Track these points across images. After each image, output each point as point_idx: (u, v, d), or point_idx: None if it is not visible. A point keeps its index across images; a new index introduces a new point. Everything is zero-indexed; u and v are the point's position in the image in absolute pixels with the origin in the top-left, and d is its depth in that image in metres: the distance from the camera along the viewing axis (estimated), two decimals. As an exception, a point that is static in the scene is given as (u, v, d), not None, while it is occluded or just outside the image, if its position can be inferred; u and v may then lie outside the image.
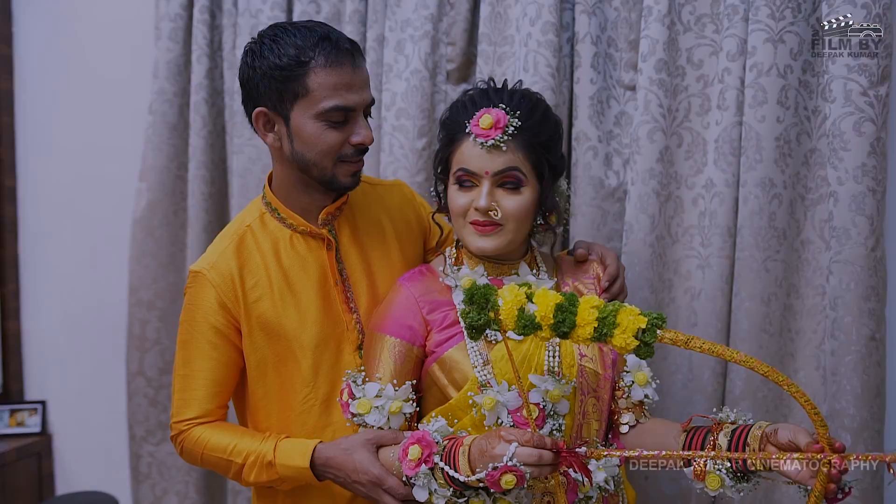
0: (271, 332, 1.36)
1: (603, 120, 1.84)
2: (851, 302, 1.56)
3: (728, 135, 1.66)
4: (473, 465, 1.12)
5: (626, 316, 1.02)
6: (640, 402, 1.33)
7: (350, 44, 1.32)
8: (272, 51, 1.29)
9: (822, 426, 0.99)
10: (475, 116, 1.28)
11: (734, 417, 1.18)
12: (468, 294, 1.06)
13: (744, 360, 0.99)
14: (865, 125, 1.52)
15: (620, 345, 1.02)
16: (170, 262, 2.32)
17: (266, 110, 1.32)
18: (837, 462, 0.99)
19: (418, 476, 1.16)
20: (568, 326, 1.03)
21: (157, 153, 2.25)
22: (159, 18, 2.21)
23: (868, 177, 1.53)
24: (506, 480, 1.06)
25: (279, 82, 1.29)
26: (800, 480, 1.04)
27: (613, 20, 1.82)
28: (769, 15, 1.59)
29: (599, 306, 1.04)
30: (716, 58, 1.70)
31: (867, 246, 1.55)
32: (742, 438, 1.12)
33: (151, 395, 2.36)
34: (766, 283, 1.66)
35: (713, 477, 1.12)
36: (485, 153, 1.26)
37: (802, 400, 0.98)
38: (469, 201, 1.28)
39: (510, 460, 1.06)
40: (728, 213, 1.68)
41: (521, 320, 1.05)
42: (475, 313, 1.05)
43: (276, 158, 1.39)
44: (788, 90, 1.61)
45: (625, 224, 1.76)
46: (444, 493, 1.15)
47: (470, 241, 1.30)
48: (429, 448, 1.16)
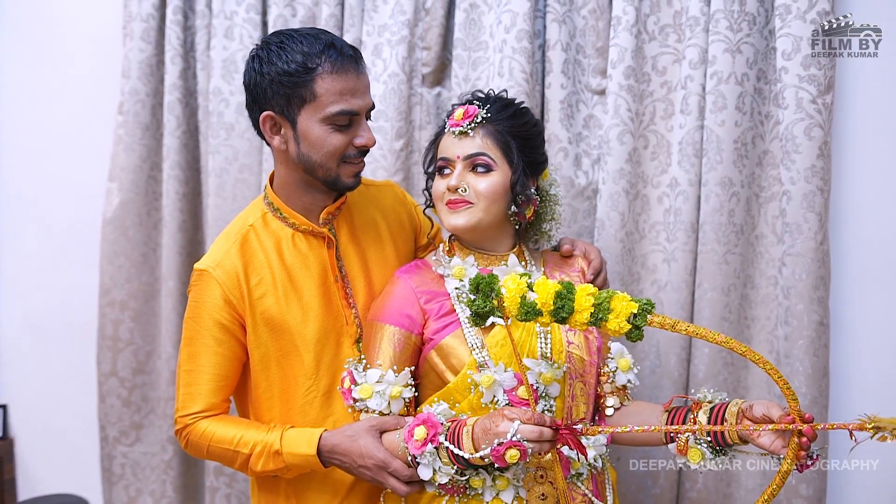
0: (275, 327, 1.41)
1: (573, 123, 1.94)
2: (803, 291, 1.71)
3: (691, 137, 1.79)
4: (477, 443, 1.21)
5: (620, 302, 1.13)
6: (624, 386, 1.45)
7: (353, 50, 1.39)
8: (280, 57, 1.34)
9: (793, 399, 1.12)
10: (452, 113, 1.43)
11: (711, 397, 1.30)
12: (473, 284, 1.14)
13: (724, 342, 1.11)
14: (815, 130, 1.67)
15: (614, 328, 1.13)
16: (143, 262, 2.33)
17: (273, 114, 1.37)
18: (808, 431, 1.11)
19: (424, 455, 1.24)
20: (567, 312, 1.13)
21: (130, 153, 2.26)
22: (130, 19, 2.21)
23: (817, 177, 1.68)
24: (510, 455, 1.16)
25: (287, 87, 1.34)
26: (773, 451, 1.17)
27: (582, 28, 1.92)
28: (728, 27, 1.72)
29: (595, 294, 1.14)
30: (679, 65, 1.82)
31: (816, 240, 1.70)
32: (720, 414, 1.23)
33: (125, 396, 2.36)
34: (726, 275, 1.80)
35: (695, 451, 1.24)
36: (457, 140, 1.39)
37: (776, 376, 1.11)
38: (445, 185, 1.39)
39: (514, 436, 1.15)
40: (691, 211, 1.81)
41: (523, 307, 1.14)
42: (481, 301, 1.13)
43: (280, 160, 1.44)
44: (745, 97, 1.75)
45: (596, 221, 1.87)
46: (448, 470, 1.24)
47: (445, 219, 1.41)
48: (434, 428, 1.25)
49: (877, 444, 1.71)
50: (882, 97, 1.76)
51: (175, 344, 2.26)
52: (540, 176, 1.50)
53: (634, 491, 1.89)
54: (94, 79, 2.38)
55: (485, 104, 1.41)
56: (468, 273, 1.42)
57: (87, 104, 2.40)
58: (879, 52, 1.75)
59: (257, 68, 1.36)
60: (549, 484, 1.32)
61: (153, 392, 2.38)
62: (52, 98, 2.43)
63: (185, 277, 2.28)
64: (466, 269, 1.42)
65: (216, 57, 2.16)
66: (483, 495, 1.31)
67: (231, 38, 2.15)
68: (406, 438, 1.28)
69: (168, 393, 2.27)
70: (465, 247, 1.46)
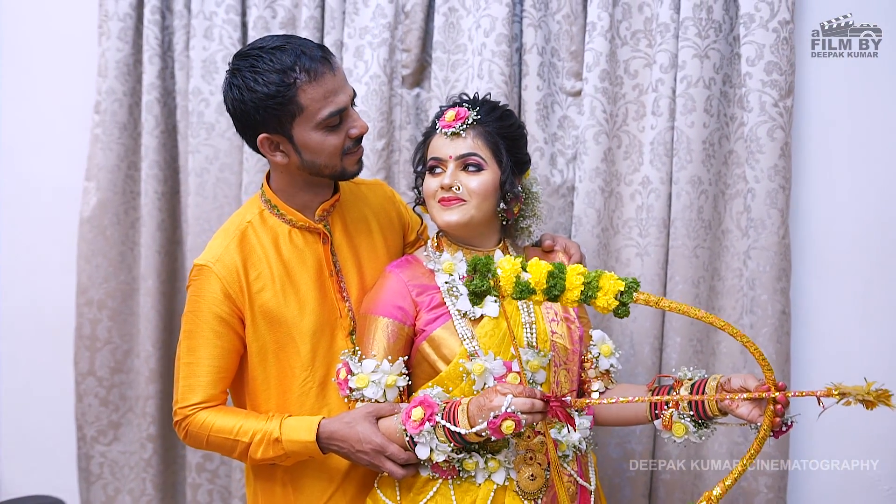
0: (273, 320, 1.46)
1: (548, 123, 2.02)
2: (766, 282, 1.83)
3: (662, 138, 1.88)
4: (473, 420, 1.28)
5: (607, 280, 1.21)
6: (607, 370, 1.54)
7: (321, 50, 1.41)
8: (256, 81, 1.35)
9: (768, 370, 1.22)
10: (442, 115, 1.49)
11: (691, 374, 1.39)
12: (471, 265, 1.21)
13: (704, 317, 1.20)
14: (777, 132, 1.79)
15: (603, 305, 1.21)
16: (120, 261, 2.33)
17: (269, 135, 1.41)
18: (781, 398, 1.21)
19: (422, 434, 1.31)
20: (559, 290, 1.20)
21: (107, 152, 2.26)
22: (106, 18, 2.22)
23: (779, 176, 1.80)
24: (506, 426, 1.23)
25: (274, 109, 1.37)
26: (751, 419, 1.26)
27: (556, 33, 2.00)
28: (696, 34, 1.82)
29: (584, 273, 1.22)
30: (650, 69, 1.92)
31: (779, 234, 1.82)
32: (701, 389, 1.33)
33: (103, 395, 2.36)
34: (696, 268, 1.90)
35: (679, 425, 1.33)
36: (449, 141, 1.46)
37: (751, 347, 1.21)
38: (437, 183, 1.46)
39: (508, 408, 1.23)
40: (663, 208, 1.90)
41: (517, 286, 1.21)
42: (478, 280, 1.20)
43: (281, 170, 1.48)
44: (712, 100, 1.86)
45: (573, 218, 1.96)
46: (445, 448, 1.31)
47: (438, 216, 1.47)
48: (430, 409, 1.32)
49: (876, 444, 1.88)
50: (838, 101, 1.88)
51: (154, 342, 2.27)
52: (524, 175, 1.58)
53: (612, 475, 1.98)
54: (69, 77, 2.37)
55: (474, 106, 1.48)
56: (457, 268, 1.49)
57: (62, 103, 2.39)
58: (833, 58, 1.88)
59: (238, 97, 1.38)
60: (537, 465, 1.39)
61: (131, 391, 2.39)
62: (26, 97, 2.41)
63: (165, 276, 2.29)
64: (455, 263, 1.49)
65: (196, 57, 2.17)
66: (475, 477, 1.38)
67: (211, 38, 2.17)
68: (404, 420, 1.34)
69: (147, 391, 2.28)
70: (453, 243, 1.53)
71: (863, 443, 1.90)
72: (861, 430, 1.90)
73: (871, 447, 1.90)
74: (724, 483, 1.24)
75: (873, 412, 1.81)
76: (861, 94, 1.88)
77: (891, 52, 1.86)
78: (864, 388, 1.13)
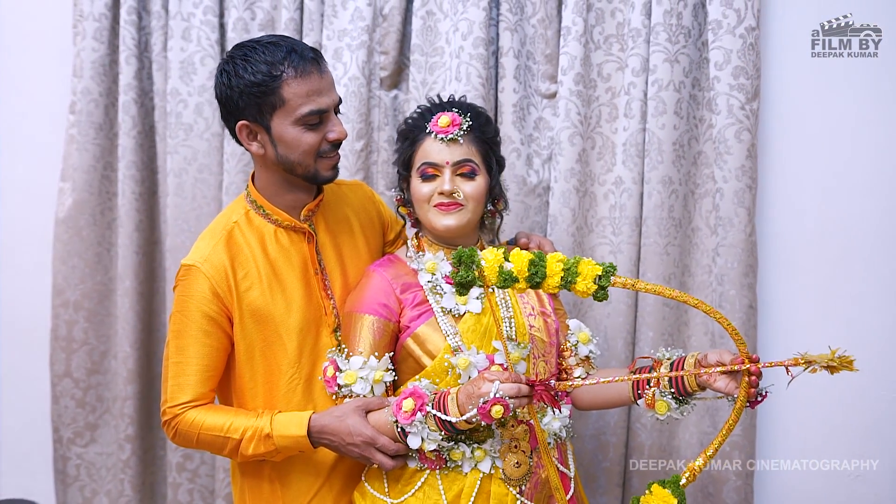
0: (260, 318, 1.48)
1: (524, 125, 2.08)
2: (734, 278, 1.90)
3: (634, 139, 1.95)
4: (462, 408, 1.33)
5: (586, 266, 1.27)
6: (587, 357, 1.60)
7: (314, 52, 1.47)
8: (246, 69, 1.41)
9: (741, 343, 1.29)
10: (433, 119, 1.51)
11: (669, 354, 1.46)
12: (456, 257, 1.26)
13: (678, 296, 1.27)
14: (744, 134, 1.86)
15: (583, 289, 1.26)
16: (97, 262, 2.32)
17: (248, 123, 1.45)
18: (755, 369, 1.28)
19: (413, 424, 1.36)
20: (540, 277, 1.26)
21: (83, 153, 2.25)
22: (81, 17, 2.21)
23: (746, 176, 1.87)
24: (495, 410, 1.28)
25: (257, 97, 1.42)
26: (728, 392, 1.33)
27: (531, 36, 2.06)
28: (666, 39, 1.89)
29: (564, 260, 1.28)
30: (622, 73, 1.98)
31: (746, 232, 1.89)
32: (680, 366, 1.40)
33: (79, 397, 2.35)
34: (667, 265, 1.97)
35: (661, 403, 1.40)
36: (445, 147, 1.49)
37: (725, 323, 1.28)
38: (432, 189, 1.50)
39: (497, 393, 1.28)
40: (635, 207, 1.97)
41: (501, 275, 1.26)
42: (464, 271, 1.24)
43: (261, 164, 1.52)
44: (682, 102, 1.93)
45: (549, 217, 2.01)
46: (435, 437, 1.36)
47: (436, 221, 1.51)
48: (421, 399, 1.37)
49: (876, 445, 1.97)
50: (802, 104, 1.97)
51: (133, 343, 2.27)
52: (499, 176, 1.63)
53: (587, 465, 2.04)
54: (43, 78, 2.35)
55: (464, 112, 1.52)
56: (440, 267, 1.54)
57: (36, 103, 2.37)
58: (794, 63, 1.96)
59: (226, 82, 1.44)
60: (521, 453, 1.45)
61: (108, 392, 2.38)
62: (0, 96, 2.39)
63: (143, 276, 2.29)
64: (438, 262, 1.54)
65: (174, 58, 2.18)
66: (462, 467, 1.43)
67: (189, 39, 2.18)
68: (395, 412, 1.38)
69: (126, 392, 2.28)
70: (434, 243, 1.58)
71: (863, 442, 2.00)
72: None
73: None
74: (706, 454, 1.31)
75: (869, 412, 1.93)
76: (824, 97, 1.96)
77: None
78: (829, 356, 1.21)
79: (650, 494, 1.29)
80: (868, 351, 1.98)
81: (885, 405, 1.99)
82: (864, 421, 2.00)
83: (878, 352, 1.97)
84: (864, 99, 1.95)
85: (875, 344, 1.97)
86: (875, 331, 1.97)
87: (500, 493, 1.43)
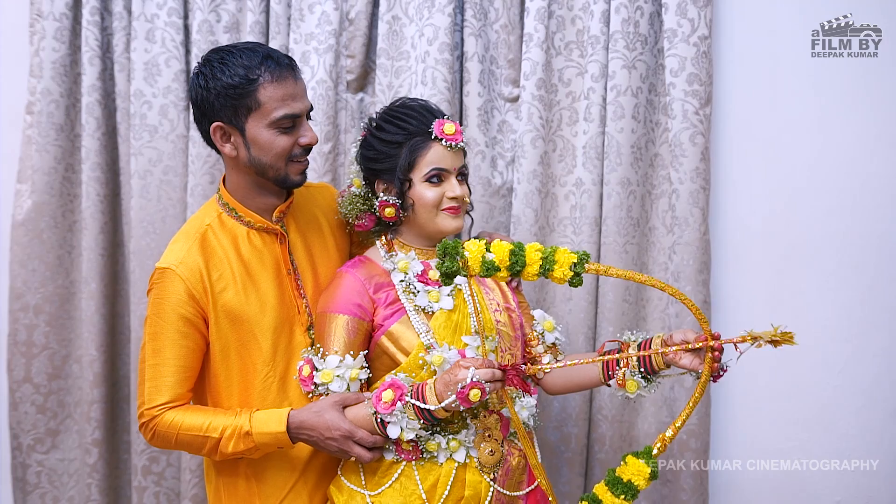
0: (235, 318, 1.51)
1: (488, 128, 2.14)
2: (689, 275, 2.00)
3: (594, 142, 2.03)
4: (440, 396, 1.39)
5: (562, 255, 1.35)
6: (554, 344, 1.68)
7: (289, 59, 1.51)
8: (223, 72, 1.45)
9: (704, 322, 1.38)
10: (436, 126, 1.54)
11: (636, 336, 1.54)
12: (441, 249, 1.31)
13: (647, 280, 1.36)
14: (698, 137, 1.96)
15: (560, 276, 1.34)
16: (58, 265, 2.30)
17: (222, 124, 1.48)
18: (717, 346, 1.37)
19: (394, 414, 1.41)
20: (520, 266, 1.34)
21: (43, 154, 2.22)
22: (40, 17, 2.19)
23: (700, 178, 1.97)
24: (473, 394, 1.35)
25: (233, 99, 1.45)
26: (692, 368, 1.42)
27: (495, 42, 2.12)
28: (625, 46, 1.97)
29: (542, 249, 1.36)
30: (582, 78, 2.06)
31: (700, 231, 1.99)
32: (647, 347, 1.48)
33: (40, 403, 2.31)
34: (626, 263, 2.05)
35: (631, 382, 1.48)
36: (451, 153, 1.56)
37: (689, 304, 1.37)
38: (440, 193, 1.55)
39: (473, 378, 1.35)
40: (595, 207, 2.05)
41: (483, 265, 1.33)
42: (449, 262, 1.31)
43: (232, 166, 1.54)
44: (639, 107, 2.01)
45: (512, 217, 2.08)
46: (415, 425, 1.42)
47: (445, 224, 1.56)
48: (400, 390, 1.42)
49: (876, 445, 2.07)
50: (752, 110, 2.07)
51: (98, 346, 2.25)
52: None
53: (550, 456, 2.11)
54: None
55: (451, 119, 1.58)
56: (412, 266, 1.58)
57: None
58: (744, 70, 2.07)
59: (203, 84, 1.47)
60: (494, 441, 1.51)
61: (70, 397, 2.35)
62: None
63: (108, 279, 2.28)
64: (409, 262, 1.58)
65: (137, 59, 2.17)
66: (437, 457, 1.48)
67: (153, 40, 2.18)
68: (375, 403, 1.43)
69: (91, 396, 2.26)
70: (405, 244, 1.62)
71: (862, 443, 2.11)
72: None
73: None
74: (675, 425, 1.39)
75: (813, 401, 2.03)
76: (772, 103, 2.07)
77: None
78: (772, 332, 1.31)
79: (625, 465, 1.38)
80: (813, 340, 2.11)
81: (828, 392, 2.11)
82: (810, 411, 2.12)
83: (822, 341, 2.09)
84: (805, 104, 2.06)
85: (819, 334, 2.09)
86: (819, 322, 2.09)
87: (475, 480, 1.49)
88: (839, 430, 2.11)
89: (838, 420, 2.11)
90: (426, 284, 1.56)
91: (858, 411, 2.10)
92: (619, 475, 1.37)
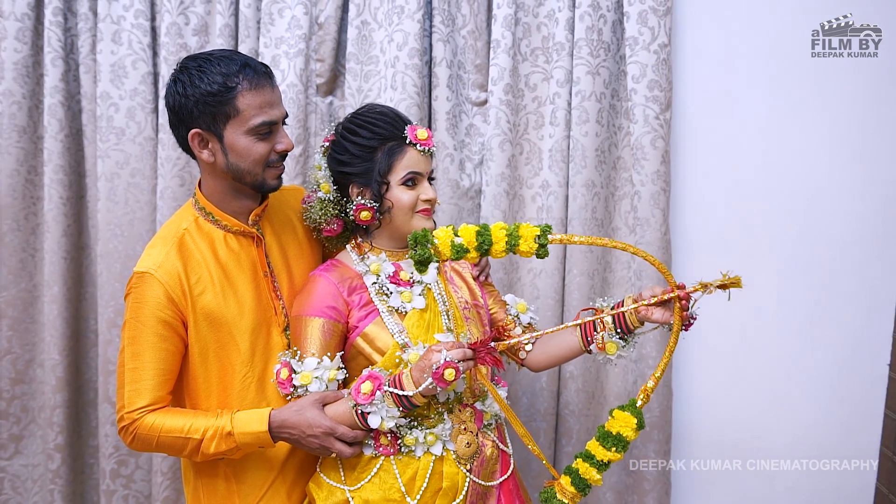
0: (214, 321, 1.52)
1: (457, 131, 2.18)
2: (652, 274, 2.08)
3: (559, 146, 2.09)
4: (417, 382, 1.43)
5: (525, 230, 1.44)
6: (529, 324, 1.74)
7: (265, 67, 1.53)
8: (201, 80, 1.46)
9: (668, 275, 1.47)
10: (409, 131, 1.57)
11: (607, 302, 1.61)
12: (412, 238, 1.36)
13: (608, 242, 1.44)
14: (658, 141, 2.04)
15: (526, 249, 1.42)
16: (21, 269, 2.26)
17: (201, 131, 1.49)
18: (683, 294, 1.46)
19: (374, 403, 1.44)
20: (488, 244, 1.42)
21: (6, 156, 2.20)
22: (2, 17, 2.15)
23: (661, 180, 2.05)
24: (448, 373, 1.40)
25: (212, 106, 1.46)
26: (664, 321, 1.50)
27: (462, 47, 2.17)
28: (588, 53, 2.05)
29: (506, 227, 1.44)
30: (548, 83, 2.12)
31: (661, 231, 2.07)
32: (619, 307, 1.55)
33: (3, 408, 2.28)
34: (591, 262, 2.13)
35: (611, 344, 1.56)
36: (424, 158, 1.60)
37: (651, 259, 1.45)
38: (415, 195, 1.58)
39: (446, 359, 1.40)
40: (561, 208, 2.11)
41: (453, 248, 1.40)
42: (421, 249, 1.36)
43: (209, 172, 1.55)
44: (603, 112, 2.09)
45: (481, 218, 2.13)
46: (394, 413, 1.45)
47: (419, 225, 1.59)
48: (378, 380, 1.46)
49: (876, 445, 2.16)
50: (708, 114, 2.16)
51: (61, 350, 2.23)
52: None
53: (519, 450, 2.16)
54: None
55: (420, 125, 1.63)
56: (384, 269, 1.61)
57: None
58: (701, 77, 2.16)
59: (181, 91, 1.48)
60: (470, 433, 1.56)
61: (34, 402, 2.32)
62: None
63: (71, 283, 2.25)
64: (381, 264, 1.61)
65: (104, 61, 2.16)
66: (415, 451, 1.52)
67: (119, 42, 2.17)
68: (355, 395, 1.46)
69: (54, 401, 2.23)
70: (375, 246, 1.65)
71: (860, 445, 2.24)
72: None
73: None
74: (655, 376, 1.47)
75: (766, 392, 2.13)
76: (728, 109, 2.16)
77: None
78: (721, 279, 1.43)
79: (613, 419, 1.45)
80: (767, 337, 2.21)
81: (780, 384, 2.22)
82: (763, 400, 2.23)
83: (774, 337, 2.20)
84: (760, 108, 2.17)
85: (772, 330, 2.20)
86: (774, 317, 2.20)
87: (452, 472, 1.53)
88: (798, 422, 2.22)
89: (793, 415, 2.22)
90: (398, 285, 1.59)
91: (811, 407, 2.22)
92: (609, 429, 1.44)
